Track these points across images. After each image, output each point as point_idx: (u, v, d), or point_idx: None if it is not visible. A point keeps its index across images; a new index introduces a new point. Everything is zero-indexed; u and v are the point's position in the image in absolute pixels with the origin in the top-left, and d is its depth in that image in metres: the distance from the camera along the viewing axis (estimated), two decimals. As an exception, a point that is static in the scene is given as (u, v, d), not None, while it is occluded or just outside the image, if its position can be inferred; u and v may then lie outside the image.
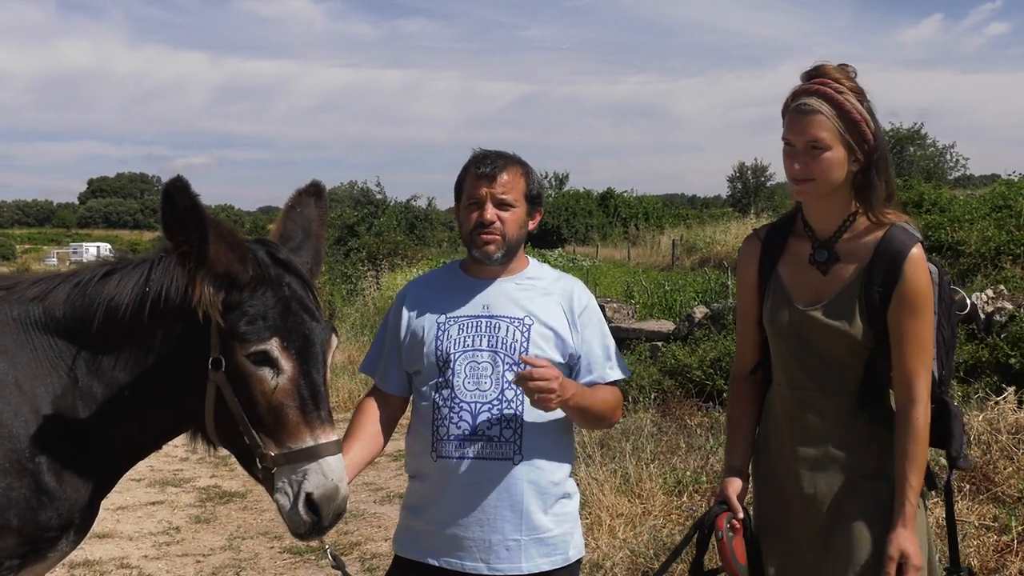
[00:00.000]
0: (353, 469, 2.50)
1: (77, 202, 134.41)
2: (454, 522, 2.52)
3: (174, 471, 8.05)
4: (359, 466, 2.58)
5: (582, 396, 2.51)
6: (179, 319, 2.29)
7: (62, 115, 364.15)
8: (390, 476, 7.56)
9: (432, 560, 2.55)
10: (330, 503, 2.22)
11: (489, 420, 2.51)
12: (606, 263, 27.32)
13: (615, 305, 11.76)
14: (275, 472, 2.24)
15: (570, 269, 21.28)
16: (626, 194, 49.57)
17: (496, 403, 2.51)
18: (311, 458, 2.22)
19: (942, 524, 4.63)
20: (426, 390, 2.59)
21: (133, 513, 6.77)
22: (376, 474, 7.59)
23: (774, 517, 2.50)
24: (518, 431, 2.51)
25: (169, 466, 8.18)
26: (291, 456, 2.22)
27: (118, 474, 2.50)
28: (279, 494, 2.24)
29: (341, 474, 2.25)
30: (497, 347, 2.55)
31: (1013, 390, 6.15)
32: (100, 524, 4.68)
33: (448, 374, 2.55)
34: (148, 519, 6.64)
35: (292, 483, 2.22)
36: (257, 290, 2.26)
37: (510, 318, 2.58)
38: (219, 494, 7.28)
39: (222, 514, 6.75)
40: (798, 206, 2.50)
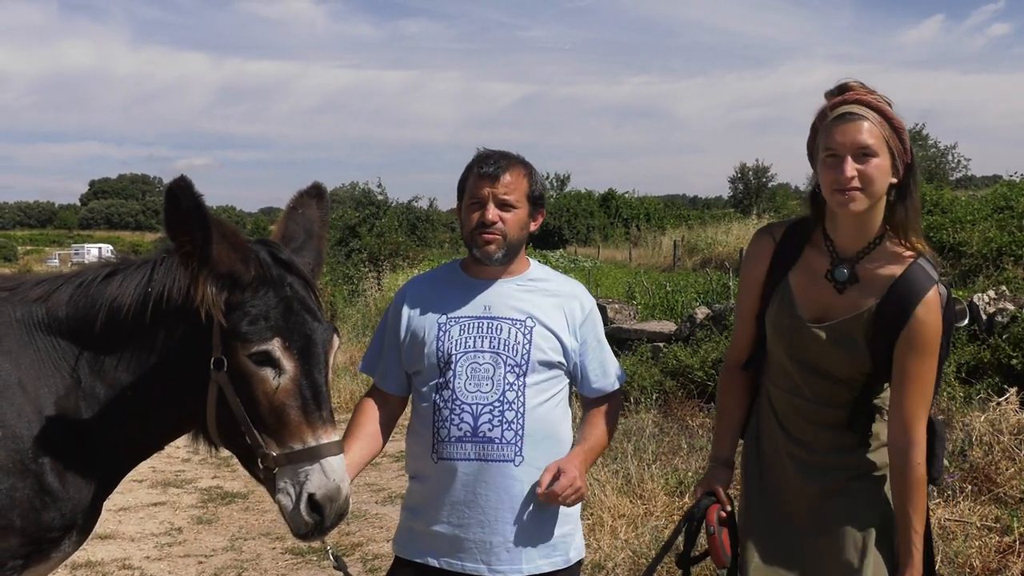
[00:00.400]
0: (353, 469, 2.50)
1: (79, 203, 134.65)
2: (455, 523, 2.53)
3: (176, 472, 8.05)
4: (359, 466, 2.58)
5: (592, 456, 2.63)
6: (181, 319, 2.30)
7: (63, 116, 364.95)
8: (392, 477, 7.56)
9: (433, 561, 2.55)
10: (332, 503, 2.23)
11: (490, 422, 2.51)
12: (607, 264, 27.33)
13: (617, 306, 11.75)
14: (277, 472, 2.24)
15: (571, 270, 21.29)
16: (627, 195, 49.54)
17: (497, 404, 2.51)
18: (313, 458, 2.22)
19: (943, 525, 4.65)
20: (426, 391, 2.59)
21: (135, 514, 6.77)
22: (378, 475, 7.59)
23: (764, 509, 2.51)
24: (519, 433, 2.51)
25: (171, 467, 8.18)
26: (293, 456, 2.22)
27: (120, 474, 2.50)
28: (281, 495, 2.24)
29: (343, 474, 2.25)
30: (499, 348, 2.55)
31: (1015, 391, 6.14)
32: (102, 525, 4.68)
33: (449, 375, 2.54)
34: (150, 520, 6.64)
35: (294, 483, 2.22)
36: (259, 290, 2.27)
37: (512, 320, 2.58)
38: (221, 495, 7.28)
39: (224, 515, 6.75)
40: (817, 215, 2.43)
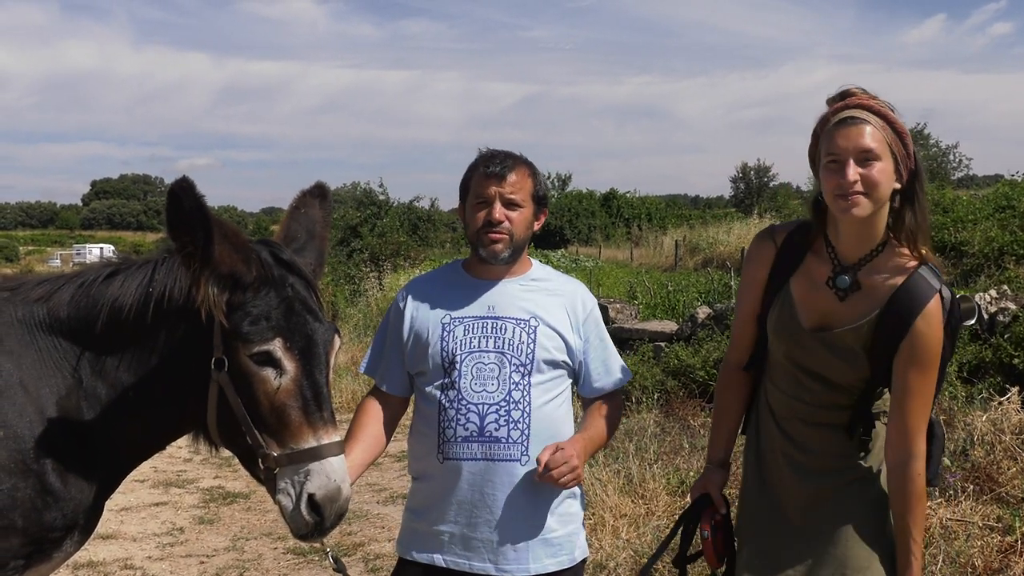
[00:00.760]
0: (355, 471, 2.50)
1: (80, 203, 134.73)
2: (462, 523, 2.52)
3: (178, 472, 8.06)
4: (361, 467, 2.57)
5: (591, 446, 2.61)
6: (182, 319, 2.30)
7: (65, 116, 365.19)
8: (393, 477, 7.57)
9: (439, 560, 2.55)
10: (332, 504, 2.22)
11: (496, 421, 2.50)
12: (609, 264, 27.30)
13: (618, 305, 11.75)
14: (277, 473, 2.24)
15: (573, 270, 21.28)
16: (629, 195, 49.49)
17: (503, 404, 2.51)
18: (313, 459, 2.22)
19: (945, 524, 4.64)
20: (430, 391, 2.58)
21: (137, 514, 6.78)
22: (379, 475, 7.59)
23: (761, 509, 2.50)
24: (525, 432, 2.51)
25: (173, 467, 8.19)
26: (293, 457, 2.22)
27: (122, 475, 2.50)
28: (281, 495, 2.24)
29: (343, 475, 2.25)
30: (504, 348, 2.55)
31: (1017, 390, 6.13)
32: (104, 525, 4.68)
33: (454, 375, 2.54)
34: (152, 520, 6.65)
35: (294, 484, 2.22)
36: (261, 290, 2.26)
37: (516, 319, 2.58)
38: (223, 495, 7.29)
39: (226, 515, 6.75)
40: (819, 222, 2.41)
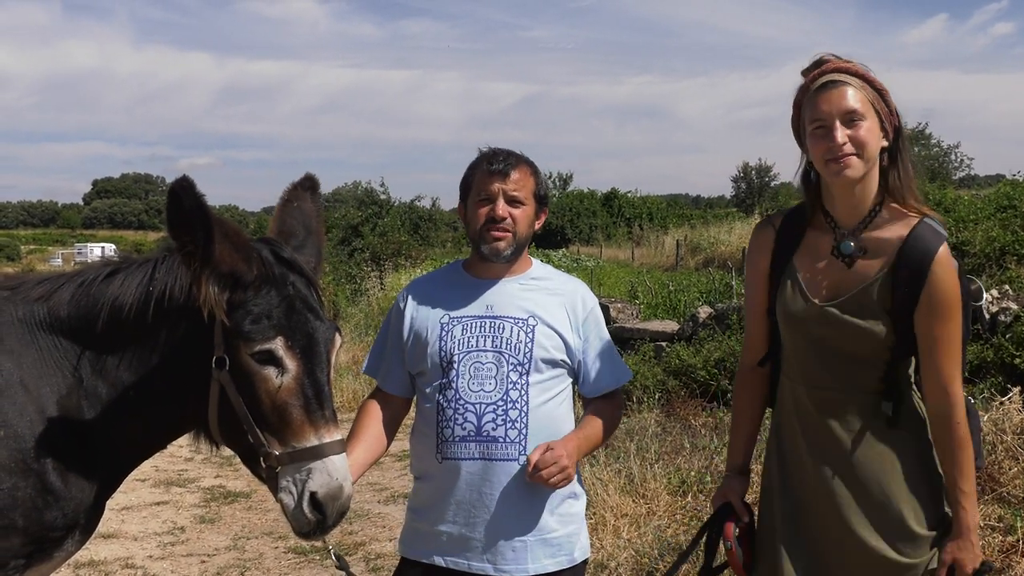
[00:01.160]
0: (357, 470, 2.50)
1: (82, 203, 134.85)
2: (460, 523, 2.52)
3: (179, 471, 8.06)
4: (363, 467, 2.58)
5: (587, 444, 2.58)
6: (183, 318, 2.29)
7: (66, 116, 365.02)
8: (394, 476, 7.57)
9: (439, 560, 2.55)
10: (334, 502, 2.22)
11: (494, 421, 2.50)
12: (610, 263, 27.32)
13: (619, 305, 11.76)
14: (279, 471, 2.24)
15: (574, 269, 21.28)
16: (630, 194, 49.46)
17: (500, 404, 2.51)
18: (315, 457, 2.22)
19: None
20: (430, 391, 2.58)
21: (138, 513, 6.78)
22: (381, 474, 7.60)
23: (791, 516, 2.41)
24: (523, 432, 2.50)
25: (174, 466, 8.19)
26: (295, 455, 2.22)
27: (123, 474, 2.50)
28: (283, 493, 2.24)
29: (345, 473, 2.25)
30: (501, 348, 2.54)
31: (1018, 390, 6.12)
32: (105, 524, 4.68)
33: (452, 375, 2.54)
34: (153, 519, 6.65)
35: (296, 482, 2.22)
36: (261, 289, 2.26)
37: (514, 319, 2.58)
38: (224, 494, 7.29)
39: (227, 514, 6.76)
40: (813, 196, 2.41)
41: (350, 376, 10.80)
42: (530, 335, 2.56)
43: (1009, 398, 6.00)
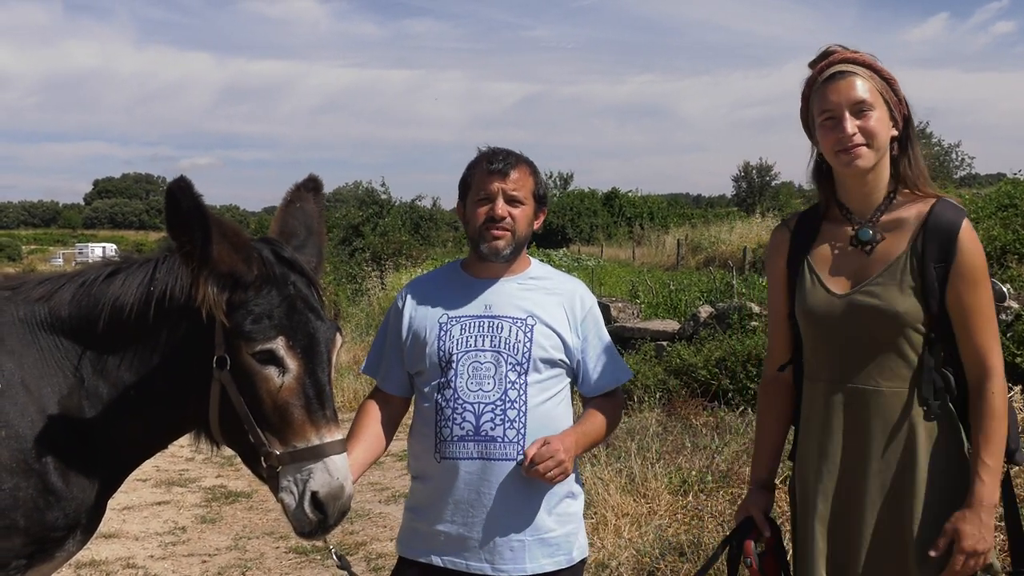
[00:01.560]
0: (357, 469, 2.50)
1: (82, 203, 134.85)
2: (458, 523, 2.52)
3: (180, 471, 8.07)
4: (363, 466, 2.58)
5: (584, 440, 2.58)
6: (184, 318, 2.30)
7: (67, 116, 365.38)
8: (395, 476, 7.57)
9: (437, 560, 2.55)
10: (335, 502, 2.23)
11: (492, 421, 2.50)
12: (611, 263, 27.29)
13: (620, 305, 11.75)
14: (280, 471, 2.24)
15: (575, 269, 21.27)
16: (631, 194, 49.41)
17: (499, 403, 2.51)
18: (316, 457, 2.22)
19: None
20: (428, 391, 2.58)
21: (139, 513, 6.79)
22: (381, 474, 7.60)
23: (824, 522, 2.32)
24: (521, 431, 2.50)
25: (175, 466, 8.20)
26: (296, 455, 2.22)
27: (124, 474, 2.50)
28: (284, 493, 2.24)
29: (346, 473, 2.25)
30: (500, 347, 2.54)
31: (1020, 389, 6.12)
32: (106, 524, 4.68)
33: (450, 374, 2.54)
34: (154, 519, 6.66)
35: (297, 482, 2.22)
36: (262, 289, 2.27)
37: (512, 318, 2.58)
38: (225, 494, 7.29)
39: (228, 514, 6.76)
40: (826, 187, 2.39)
41: (351, 376, 10.81)
42: (529, 335, 2.56)
43: (1010, 397, 6.00)
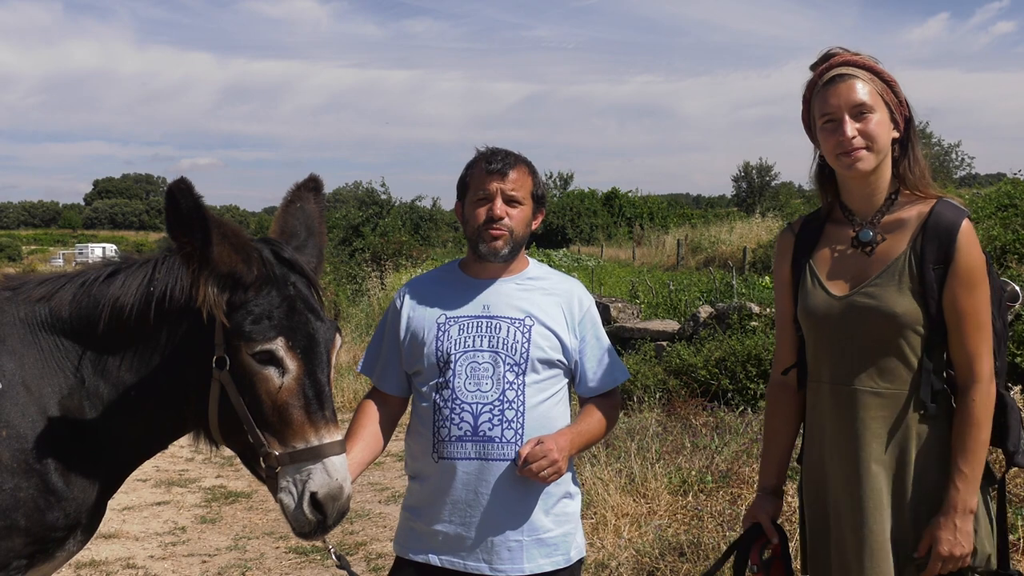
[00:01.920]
0: (355, 469, 2.51)
1: (83, 203, 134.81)
2: (456, 523, 2.53)
3: (180, 471, 8.07)
4: (361, 466, 2.58)
5: (580, 439, 2.57)
6: (184, 318, 2.30)
7: (68, 116, 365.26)
8: (395, 476, 7.57)
9: (434, 560, 2.55)
10: (334, 502, 2.23)
11: (490, 421, 2.51)
12: (611, 263, 27.30)
13: (620, 305, 11.75)
14: (279, 471, 2.24)
15: (575, 269, 21.28)
16: (631, 194, 49.39)
17: (497, 404, 2.51)
18: (315, 457, 2.22)
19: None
20: (426, 391, 2.59)
21: (139, 513, 6.79)
22: (381, 474, 7.60)
23: (824, 533, 2.34)
24: (519, 432, 2.50)
25: (175, 466, 8.20)
26: (295, 455, 2.23)
27: (124, 474, 2.51)
28: (283, 493, 2.24)
29: (345, 473, 2.26)
30: (498, 347, 2.55)
31: (1019, 389, 6.12)
32: (106, 524, 4.70)
33: (448, 375, 2.54)
34: (154, 519, 6.66)
35: (296, 482, 2.23)
36: (262, 290, 2.27)
37: (510, 319, 2.58)
38: (225, 494, 7.30)
39: (228, 514, 6.76)
40: (829, 189, 2.41)
41: (350, 376, 10.82)
42: (527, 335, 2.56)
43: (1011, 396, 6.00)
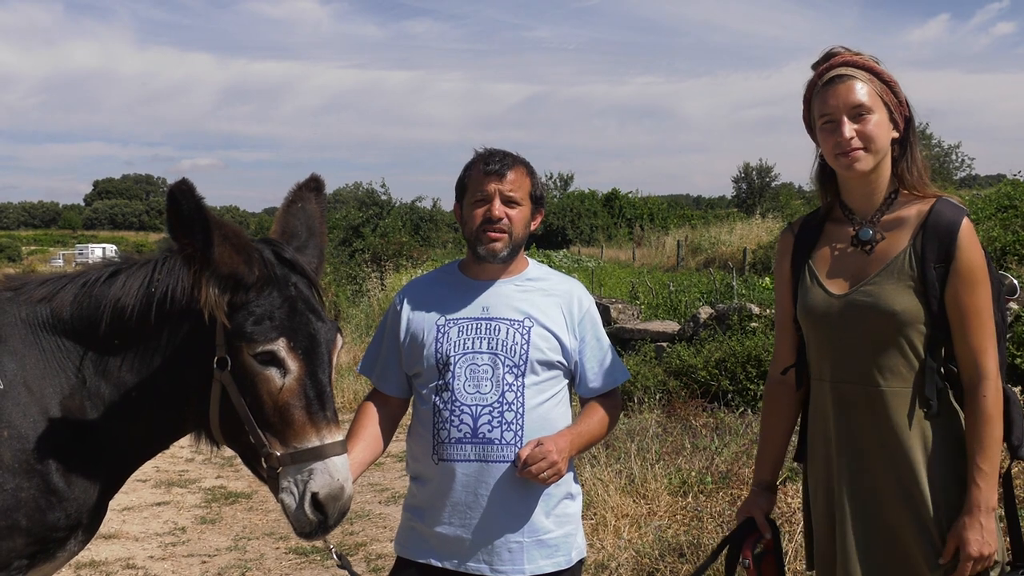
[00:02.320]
0: (356, 469, 2.51)
1: (83, 203, 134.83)
2: (456, 524, 2.53)
3: (180, 472, 8.07)
4: (362, 467, 2.58)
5: (580, 440, 2.56)
6: (185, 319, 2.30)
7: (69, 117, 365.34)
8: (395, 476, 7.57)
9: (435, 561, 2.56)
10: (335, 503, 2.23)
11: (490, 423, 2.51)
12: (611, 264, 27.30)
13: (620, 306, 11.75)
14: (280, 472, 2.25)
15: (575, 270, 21.28)
16: (631, 195, 49.41)
17: (496, 406, 2.51)
18: (317, 458, 2.23)
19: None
20: (426, 392, 2.59)
21: (139, 514, 6.79)
22: (381, 475, 7.60)
23: (829, 530, 2.34)
24: (519, 434, 2.50)
25: (175, 467, 8.20)
26: (297, 456, 2.23)
27: (126, 474, 2.51)
28: (284, 494, 2.25)
29: (346, 474, 2.26)
30: (497, 349, 2.54)
31: (1019, 390, 6.14)
32: (106, 525, 4.69)
33: (448, 377, 2.54)
34: (154, 520, 6.66)
35: (297, 483, 2.23)
36: (263, 290, 2.27)
37: (510, 320, 2.58)
38: (225, 495, 7.30)
39: (228, 515, 6.76)
40: (829, 188, 2.42)
41: (351, 377, 10.82)
42: (526, 337, 2.56)
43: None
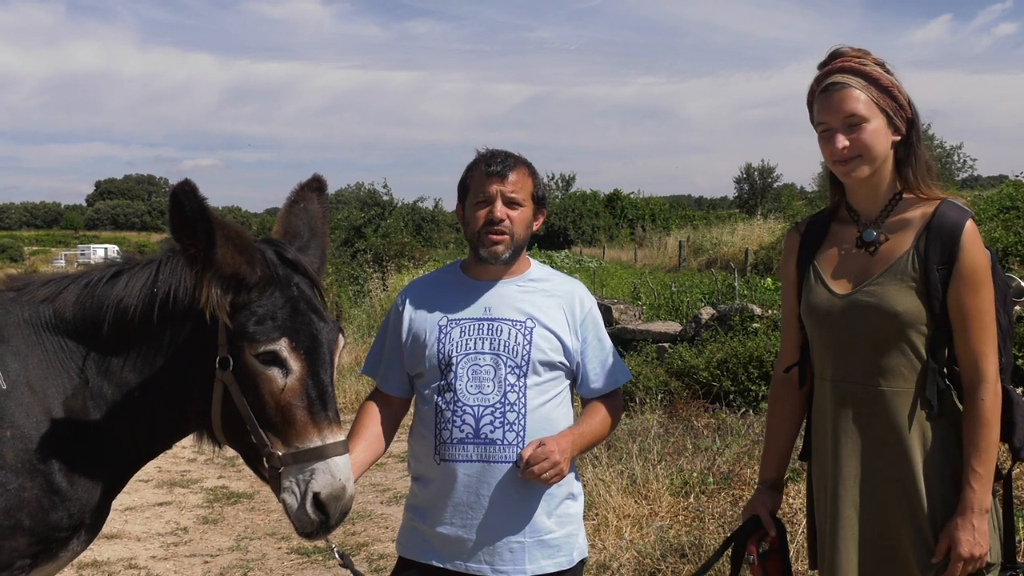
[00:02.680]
0: (357, 469, 2.51)
1: (85, 204, 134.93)
2: (458, 525, 2.53)
3: (182, 472, 8.08)
4: (363, 467, 2.59)
5: (582, 441, 2.57)
6: (187, 319, 2.31)
7: (71, 117, 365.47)
8: (397, 477, 7.58)
9: (436, 562, 2.56)
10: (337, 502, 2.24)
11: (492, 423, 2.51)
12: (613, 264, 27.32)
13: (622, 306, 11.75)
14: (282, 472, 2.25)
15: (577, 270, 21.28)
16: (633, 195, 49.38)
17: (499, 406, 2.52)
18: (318, 458, 2.23)
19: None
20: (428, 393, 2.59)
21: (141, 514, 6.80)
22: (383, 475, 7.61)
23: (831, 531, 2.34)
24: (521, 434, 2.51)
25: (177, 467, 8.21)
26: (298, 456, 2.24)
27: (128, 474, 2.52)
28: (286, 493, 2.25)
29: (348, 474, 2.27)
30: (499, 350, 2.55)
31: (1021, 391, 6.12)
32: (108, 525, 4.69)
33: (450, 377, 2.55)
34: (156, 520, 6.67)
35: (299, 483, 2.23)
36: (266, 290, 2.28)
37: (512, 321, 2.58)
38: (227, 495, 7.31)
39: (230, 515, 6.77)
40: (838, 199, 2.43)
41: (352, 377, 10.82)
42: (528, 337, 2.56)
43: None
